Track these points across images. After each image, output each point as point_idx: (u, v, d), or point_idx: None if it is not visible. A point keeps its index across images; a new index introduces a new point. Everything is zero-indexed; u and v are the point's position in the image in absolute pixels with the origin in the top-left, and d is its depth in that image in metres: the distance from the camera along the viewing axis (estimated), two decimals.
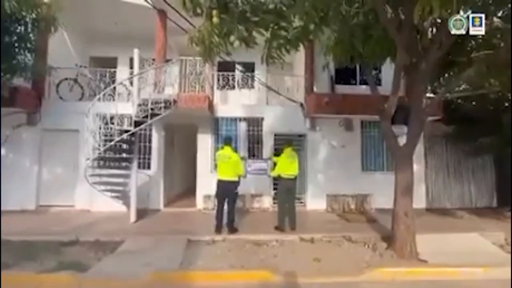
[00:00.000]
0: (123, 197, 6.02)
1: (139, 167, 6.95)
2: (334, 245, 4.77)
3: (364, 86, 8.13)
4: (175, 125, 7.48)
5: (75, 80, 7.23)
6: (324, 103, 6.85)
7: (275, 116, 7.50)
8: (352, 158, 7.54)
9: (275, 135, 7.45)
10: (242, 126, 7.56)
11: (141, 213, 6.19)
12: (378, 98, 4.91)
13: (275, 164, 5.64)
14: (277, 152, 6.56)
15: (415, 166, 4.71)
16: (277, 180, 6.84)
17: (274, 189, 7.29)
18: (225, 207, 5.15)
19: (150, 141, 7.25)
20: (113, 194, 6.02)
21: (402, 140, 4.60)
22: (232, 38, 3.18)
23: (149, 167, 7.19)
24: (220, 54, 3.68)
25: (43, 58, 6.93)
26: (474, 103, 7.37)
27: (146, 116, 5.47)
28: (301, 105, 7.44)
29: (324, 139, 7.50)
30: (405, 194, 4.45)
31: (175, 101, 6.01)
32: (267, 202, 7.28)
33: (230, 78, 7.69)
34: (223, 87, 7.71)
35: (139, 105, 5.76)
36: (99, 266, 3.74)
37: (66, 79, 7.20)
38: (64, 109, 6.90)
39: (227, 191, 5.12)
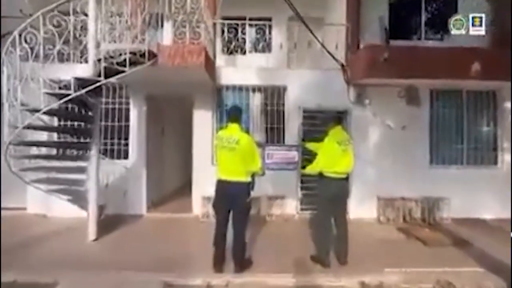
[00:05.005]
0: (79, 200, 4.02)
1: (112, 156, 5.04)
2: None
3: (431, 42, 5.74)
4: (163, 97, 5.34)
5: (19, 35, 5.10)
6: (381, 61, 4.48)
7: (303, 84, 5.20)
8: (417, 145, 5.21)
9: (304, 112, 5.19)
10: (257, 98, 5.33)
11: (111, 223, 4.28)
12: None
13: (310, 153, 3.49)
14: (309, 138, 4.43)
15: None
16: (306, 177, 4.71)
17: (302, 188, 5.16)
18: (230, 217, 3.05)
19: (127, 120, 5.17)
20: (66, 197, 4.04)
21: None
22: None
23: (126, 156, 5.14)
24: None
25: None
26: None
27: (99, 75, 3.32)
28: (342, 66, 5.11)
29: (375, 117, 5.17)
30: None
31: (153, 55, 3.84)
32: (291, 207, 5.14)
33: (240, 29, 5.37)
34: (229, 42, 5.41)
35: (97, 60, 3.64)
36: None
37: (8, 33, 5.10)
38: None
39: (232, 200, 2.95)
